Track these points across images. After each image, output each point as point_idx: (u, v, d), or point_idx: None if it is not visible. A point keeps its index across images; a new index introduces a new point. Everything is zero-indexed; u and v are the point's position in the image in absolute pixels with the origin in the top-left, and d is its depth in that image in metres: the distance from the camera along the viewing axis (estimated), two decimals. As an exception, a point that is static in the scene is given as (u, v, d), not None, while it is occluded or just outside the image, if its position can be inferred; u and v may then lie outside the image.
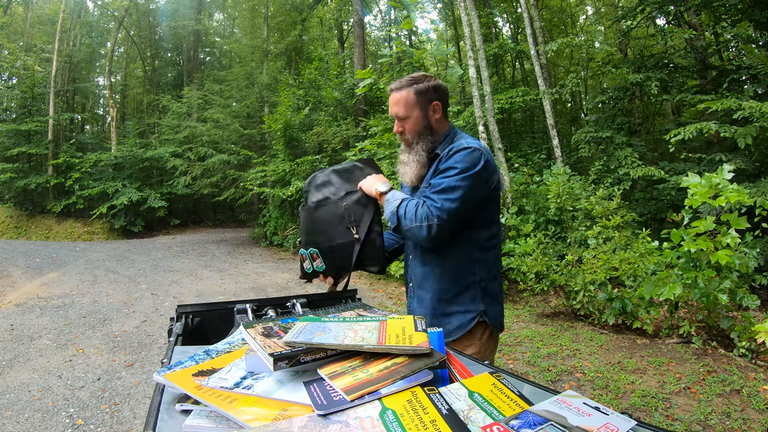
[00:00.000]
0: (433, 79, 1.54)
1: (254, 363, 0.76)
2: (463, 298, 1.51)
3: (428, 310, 1.52)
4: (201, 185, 12.87)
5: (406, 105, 1.50)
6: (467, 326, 1.49)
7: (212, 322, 1.35)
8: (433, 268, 1.52)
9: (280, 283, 7.40)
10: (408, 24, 8.76)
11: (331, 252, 1.52)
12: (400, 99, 1.50)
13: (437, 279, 1.51)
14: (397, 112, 1.52)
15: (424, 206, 1.37)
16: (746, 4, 6.77)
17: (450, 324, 1.49)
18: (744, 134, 5.06)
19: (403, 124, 1.52)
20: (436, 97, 1.52)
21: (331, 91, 11.33)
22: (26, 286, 6.98)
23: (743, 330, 3.65)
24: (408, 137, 1.53)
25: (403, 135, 1.54)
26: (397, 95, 1.51)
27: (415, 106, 1.50)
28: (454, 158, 1.42)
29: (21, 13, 18.00)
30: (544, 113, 8.33)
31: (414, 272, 1.59)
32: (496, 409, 0.66)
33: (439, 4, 15.75)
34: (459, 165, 1.40)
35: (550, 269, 5.06)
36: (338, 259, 1.51)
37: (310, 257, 1.54)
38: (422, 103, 1.50)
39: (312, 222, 1.58)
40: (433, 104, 1.52)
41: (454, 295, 1.50)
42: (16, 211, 14.43)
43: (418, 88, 1.50)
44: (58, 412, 3.12)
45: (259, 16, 17.06)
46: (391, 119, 8.35)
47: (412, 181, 1.54)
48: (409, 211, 1.39)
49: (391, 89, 1.54)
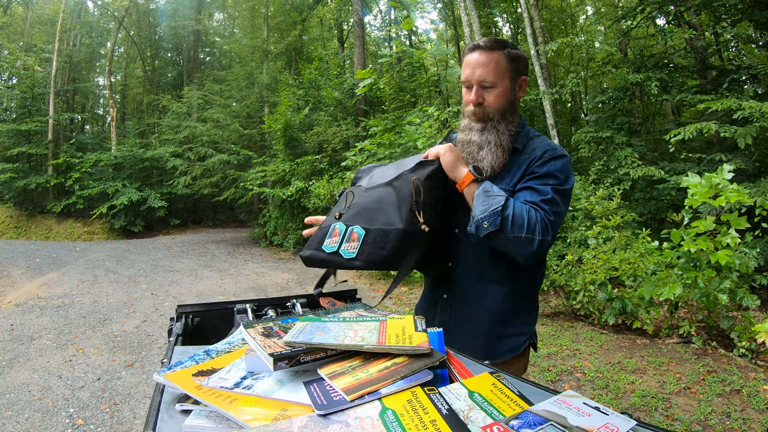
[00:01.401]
0: (521, 49, 1.27)
1: (254, 363, 0.76)
2: (520, 320, 1.30)
3: (481, 332, 1.26)
4: (201, 185, 12.88)
5: (496, 69, 1.19)
6: (519, 349, 1.29)
7: (212, 322, 1.34)
8: (500, 285, 1.25)
9: (280, 283, 7.40)
10: (408, 24, 8.77)
11: (381, 239, 1.11)
12: (489, 61, 1.19)
13: (502, 298, 1.25)
14: (482, 76, 1.19)
15: (537, 214, 1.10)
16: (746, 4, 6.77)
17: (501, 347, 1.28)
18: (744, 134, 5.06)
19: (486, 93, 1.21)
20: (525, 71, 1.25)
21: (331, 91, 11.34)
22: (26, 286, 6.97)
23: (743, 330, 3.65)
24: (489, 111, 1.22)
25: (481, 107, 1.22)
26: (486, 55, 1.19)
27: (506, 74, 1.20)
28: (553, 164, 1.18)
29: (21, 13, 18.00)
30: (544, 113, 8.33)
31: (463, 285, 1.29)
32: (496, 409, 0.66)
33: (439, 4, 15.75)
34: (560, 175, 1.17)
35: (550, 269, 5.06)
36: (385, 250, 1.09)
37: (346, 236, 1.15)
38: (513, 73, 1.22)
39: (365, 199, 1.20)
40: (522, 79, 1.25)
41: (512, 316, 1.28)
42: (16, 211, 14.43)
43: (512, 53, 1.21)
44: (58, 412, 3.12)
45: (259, 16, 17.07)
46: (393, 117, 8.26)
47: (492, 169, 1.21)
48: (518, 215, 1.08)
49: (475, 46, 1.22)
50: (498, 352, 1.26)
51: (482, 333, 1.26)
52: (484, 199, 1.11)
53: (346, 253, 1.13)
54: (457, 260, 1.29)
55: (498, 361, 1.25)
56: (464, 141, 1.25)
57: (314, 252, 1.19)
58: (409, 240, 1.10)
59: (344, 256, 1.13)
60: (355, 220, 1.16)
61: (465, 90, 1.25)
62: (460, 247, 1.28)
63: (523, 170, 1.21)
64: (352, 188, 1.28)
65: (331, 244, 1.16)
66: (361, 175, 1.35)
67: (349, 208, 1.20)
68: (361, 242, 1.11)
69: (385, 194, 1.17)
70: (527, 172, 1.20)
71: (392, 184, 1.18)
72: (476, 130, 1.23)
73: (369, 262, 1.11)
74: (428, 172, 1.16)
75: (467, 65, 1.22)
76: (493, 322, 1.26)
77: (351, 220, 1.17)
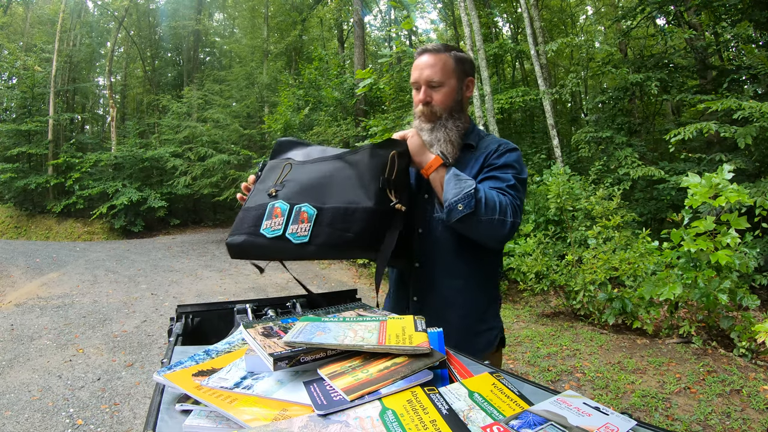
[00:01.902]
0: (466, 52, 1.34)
1: (254, 363, 0.76)
2: (489, 313, 1.32)
3: (456, 331, 1.22)
4: (201, 185, 12.87)
5: (443, 70, 1.24)
6: (493, 345, 1.31)
7: (212, 322, 1.34)
8: (467, 280, 1.26)
9: (280, 283, 7.40)
10: (408, 24, 8.75)
11: (342, 218, 0.96)
12: (437, 62, 1.24)
13: (472, 293, 1.27)
14: (430, 76, 1.24)
15: (506, 197, 1.13)
16: (746, 4, 6.77)
17: (476, 344, 1.28)
18: (744, 134, 5.06)
19: (433, 93, 1.25)
20: (471, 72, 1.31)
21: (331, 91, 11.34)
22: (26, 286, 6.97)
23: (743, 330, 3.65)
24: (436, 110, 1.26)
25: (429, 106, 1.26)
26: (433, 57, 1.25)
27: (452, 74, 1.26)
28: (509, 156, 1.25)
29: (21, 13, 18.00)
30: (544, 113, 8.33)
31: (433, 285, 1.27)
32: (496, 409, 0.66)
33: (439, 4, 15.75)
34: (517, 165, 1.24)
35: (550, 269, 5.06)
36: (350, 232, 0.96)
37: (292, 216, 0.96)
38: (459, 73, 1.27)
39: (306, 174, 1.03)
40: (468, 79, 1.30)
41: (483, 311, 1.30)
42: (16, 211, 14.43)
43: (458, 55, 1.27)
44: (58, 412, 3.12)
45: (259, 16, 17.07)
46: (393, 118, 8.27)
47: None
48: (490, 198, 1.10)
49: (424, 50, 1.27)
50: (474, 351, 1.23)
51: (457, 332, 1.24)
52: (455, 183, 1.10)
53: (296, 237, 0.95)
54: (423, 260, 1.28)
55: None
56: None
57: (249, 238, 0.98)
58: (381, 221, 1.00)
59: (293, 240, 0.95)
60: (299, 198, 0.98)
61: (415, 92, 1.29)
62: (425, 247, 1.27)
63: (481, 163, 1.26)
64: (279, 161, 1.13)
65: (273, 226, 0.96)
66: (284, 148, 1.24)
67: (285, 184, 1.02)
68: (313, 223, 0.95)
69: (335, 169, 1.05)
70: (485, 164, 1.26)
71: (344, 158, 1.08)
72: (426, 130, 1.26)
73: (329, 247, 0.96)
74: (400, 151, 1.09)
75: (416, 68, 1.27)
76: (466, 318, 1.27)
77: (294, 197, 0.98)
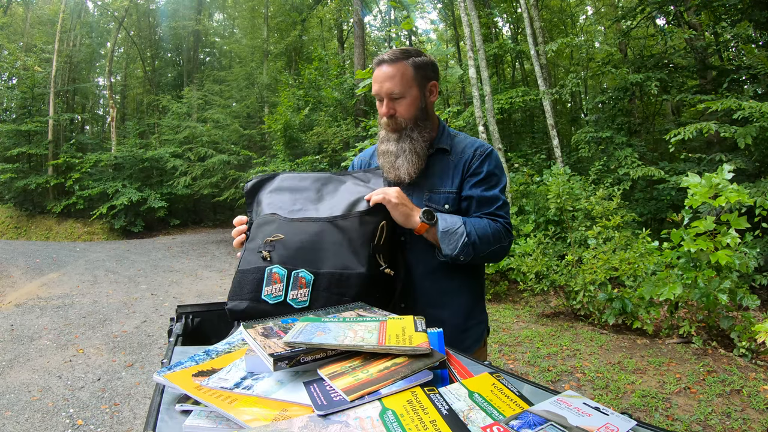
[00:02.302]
0: (427, 54, 1.29)
1: (254, 363, 0.76)
2: (478, 309, 1.36)
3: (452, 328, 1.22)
4: (201, 185, 12.88)
5: (402, 81, 1.22)
6: (481, 339, 1.34)
7: (212, 322, 1.34)
8: (452, 278, 1.27)
9: (280, 284, 7.40)
10: (408, 24, 8.75)
11: (338, 283, 1.00)
12: (395, 73, 1.22)
13: (459, 290, 1.30)
14: (390, 89, 1.22)
15: (496, 224, 1.20)
16: (746, 4, 6.77)
17: (466, 340, 1.31)
18: (744, 134, 5.06)
19: (395, 105, 1.24)
20: (433, 76, 1.29)
21: (331, 92, 11.34)
22: (26, 286, 6.97)
23: (743, 330, 3.65)
24: (400, 121, 1.25)
25: (394, 119, 1.25)
26: (390, 69, 1.22)
27: (413, 83, 1.24)
28: (489, 163, 1.26)
29: (21, 13, 18.00)
30: (544, 113, 8.33)
31: (421, 288, 1.27)
32: (496, 409, 0.66)
33: (439, 4, 15.75)
34: (498, 171, 1.26)
35: (550, 269, 5.06)
36: (346, 296, 1.00)
37: (291, 282, 0.99)
38: (420, 80, 1.25)
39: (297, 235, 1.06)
40: (431, 84, 1.28)
41: (471, 307, 1.33)
42: (16, 212, 14.43)
43: (416, 61, 1.24)
44: (58, 412, 3.12)
45: (259, 17, 17.08)
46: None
47: (409, 176, 1.24)
48: (483, 236, 1.16)
49: (381, 61, 1.24)
50: (464, 348, 1.27)
51: (454, 329, 1.26)
52: (448, 241, 1.15)
53: (296, 302, 0.98)
54: (409, 266, 1.26)
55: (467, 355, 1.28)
56: (383, 151, 1.29)
57: (252, 304, 0.99)
58: (373, 284, 1.05)
59: (294, 305, 0.98)
60: (294, 261, 1.00)
61: (378, 103, 1.28)
62: (410, 253, 1.26)
63: (461, 171, 1.27)
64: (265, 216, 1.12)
65: (274, 293, 0.98)
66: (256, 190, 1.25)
67: (275, 245, 1.03)
68: (311, 288, 0.99)
69: (324, 232, 1.07)
70: (467, 173, 1.26)
71: (334, 223, 1.09)
72: (393, 140, 1.27)
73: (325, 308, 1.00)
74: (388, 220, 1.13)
75: (375, 80, 1.25)
76: (456, 316, 1.29)
77: (289, 261, 1.00)
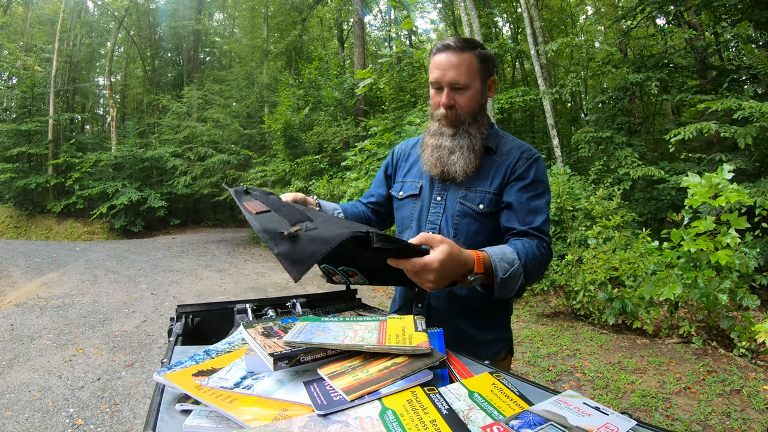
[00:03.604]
0: (488, 48, 1.21)
1: (254, 363, 0.76)
2: (497, 324, 1.29)
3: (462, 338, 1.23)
4: (201, 185, 12.88)
5: (468, 71, 1.14)
6: (498, 355, 1.28)
7: (212, 322, 1.34)
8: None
9: (280, 283, 7.40)
10: (408, 24, 8.76)
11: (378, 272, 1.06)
12: (462, 62, 1.13)
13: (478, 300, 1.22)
14: (454, 78, 1.13)
15: (541, 244, 1.11)
16: (746, 4, 6.77)
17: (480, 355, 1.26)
18: (744, 134, 5.06)
19: (457, 96, 1.16)
20: (493, 71, 1.22)
21: (331, 91, 11.34)
22: (26, 286, 6.97)
23: (743, 330, 3.65)
24: (461, 114, 1.17)
25: (453, 110, 1.17)
26: (457, 57, 1.13)
27: (477, 75, 1.16)
28: (537, 168, 1.19)
29: (21, 13, 18.00)
30: (544, 113, 8.33)
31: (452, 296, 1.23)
32: (496, 409, 0.66)
33: (439, 4, 15.75)
34: (545, 180, 1.19)
35: (550, 269, 5.06)
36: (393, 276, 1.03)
37: (345, 275, 1.10)
38: (483, 74, 1.17)
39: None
40: (491, 79, 1.21)
41: (495, 317, 1.28)
42: (16, 211, 14.43)
43: (482, 53, 1.16)
44: (58, 412, 3.12)
45: (259, 16, 17.08)
46: (393, 117, 8.20)
47: (464, 174, 1.18)
48: (533, 266, 1.06)
49: (446, 46, 1.15)
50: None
51: (462, 339, 1.22)
52: (505, 286, 1.01)
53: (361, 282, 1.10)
54: None
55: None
56: (435, 145, 1.21)
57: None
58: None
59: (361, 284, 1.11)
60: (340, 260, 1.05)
61: (434, 92, 1.21)
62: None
63: (504, 173, 1.19)
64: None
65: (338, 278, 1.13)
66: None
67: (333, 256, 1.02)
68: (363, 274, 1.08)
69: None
70: (511, 175, 1.19)
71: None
72: (448, 135, 1.20)
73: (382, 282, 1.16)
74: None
75: (437, 66, 1.16)
76: (470, 326, 1.23)
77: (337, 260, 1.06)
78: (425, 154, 1.24)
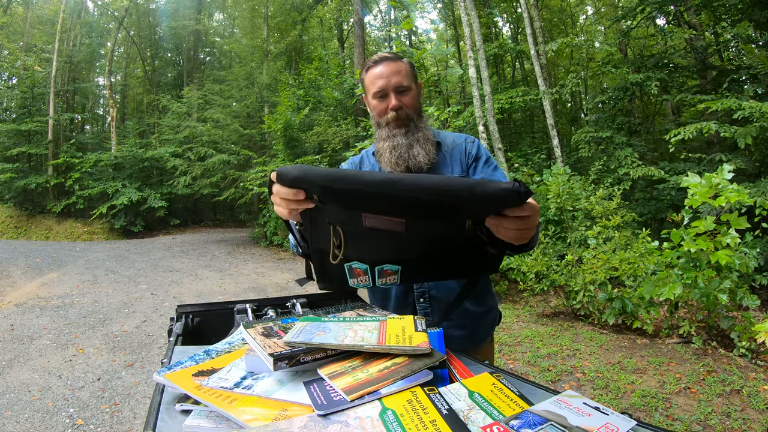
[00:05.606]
0: None
1: (254, 363, 0.76)
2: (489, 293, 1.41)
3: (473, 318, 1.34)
4: (201, 185, 12.88)
5: (407, 74, 1.29)
6: (493, 327, 1.42)
7: (212, 322, 1.34)
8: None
9: (280, 283, 7.40)
10: (408, 24, 8.76)
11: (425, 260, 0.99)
12: (400, 68, 1.28)
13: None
14: (399, 81, 1.27)
15: None
16: (746, 4, 6.77)
17: (481, 328, 1.38)
18: (744, 134, 5.06)
19: (402, 98, 1.29)
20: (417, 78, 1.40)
21: (331, 91, 11.34)
22: (26, 286, 6.97)
23: (743, 330, 3.65)
24: (408, 113, 1.29)
25: (401, 111, 1.28)
26: (395, 64, 1.28)
27: (413, 79, 1.32)
28: (481, 148, 1.34)
29: (21, 13, 17.99)
30: (544, 113, 8.33)
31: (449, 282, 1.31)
32: (496, 409, 0.66)
33: (439, 4, 15.75)
34: (491, 155, 1.35)
35: (550, 269, 5.06)
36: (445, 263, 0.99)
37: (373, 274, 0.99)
38: (415, 78, 1.35)
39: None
40: (419, 84, 1.38)
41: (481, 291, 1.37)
42: (16, 211, 14.43)
43: (410, 61, 1.35)
44: (58, 412, 3.12)
45: (259, 16, 17.07)
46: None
47: (429, 162, 1.27)
48: None
49: (383, 58, 1.30)
50: (482, 337, 1.37)
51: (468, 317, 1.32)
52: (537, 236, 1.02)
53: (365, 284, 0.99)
54: None
55: (482, 345, 1.38)
56: (391, 146, 1.27)
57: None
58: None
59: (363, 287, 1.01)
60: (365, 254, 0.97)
61: (377, 102, 1.30)
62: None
63: (460, 159, 1.32)
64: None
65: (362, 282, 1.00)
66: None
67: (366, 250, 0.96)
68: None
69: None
70: (469, 158, 1.32)
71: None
72: (401, 134, 1.28)
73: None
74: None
75: (379, 76, 1.27)
76: (473, 304, 1.33)
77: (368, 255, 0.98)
78: (384, 159, 1.29)
